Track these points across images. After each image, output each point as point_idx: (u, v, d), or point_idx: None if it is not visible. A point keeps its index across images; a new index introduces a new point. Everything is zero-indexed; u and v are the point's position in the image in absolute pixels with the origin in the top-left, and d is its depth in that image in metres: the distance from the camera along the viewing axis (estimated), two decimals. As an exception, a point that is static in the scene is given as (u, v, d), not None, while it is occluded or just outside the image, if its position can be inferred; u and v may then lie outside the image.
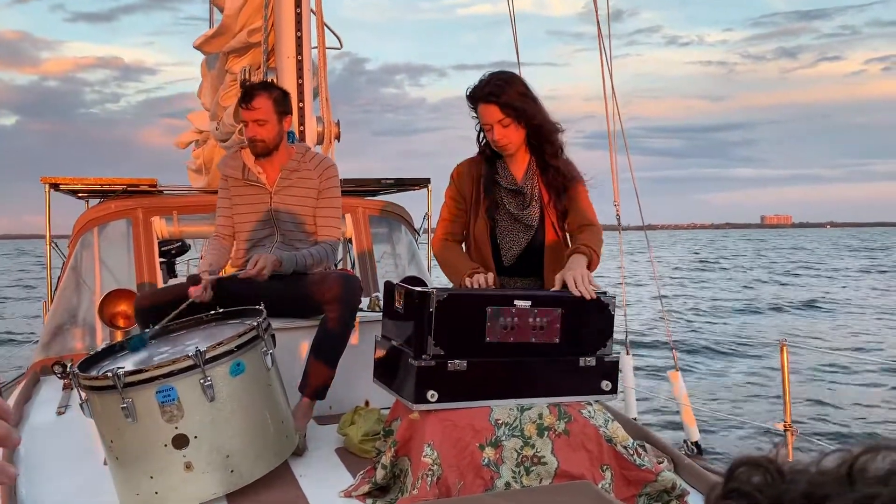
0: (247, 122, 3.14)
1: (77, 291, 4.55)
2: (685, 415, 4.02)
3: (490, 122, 2.66)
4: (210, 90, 4.64)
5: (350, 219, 4.81)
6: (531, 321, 2.37)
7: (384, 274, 4.95)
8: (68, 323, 4.48)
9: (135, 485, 2.36)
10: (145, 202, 4.57)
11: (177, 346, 2.61)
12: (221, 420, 2.38)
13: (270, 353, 2.58)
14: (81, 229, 4.55)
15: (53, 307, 4.50)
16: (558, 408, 2.36)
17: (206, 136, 5.07)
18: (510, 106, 2.61)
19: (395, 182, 5.72)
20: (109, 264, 4.60)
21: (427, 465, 2.19)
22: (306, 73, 3.96)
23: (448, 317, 2.28)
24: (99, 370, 2.48)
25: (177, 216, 4.51)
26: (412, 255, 5.30)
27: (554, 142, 2.74)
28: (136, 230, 4.42)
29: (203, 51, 4.42)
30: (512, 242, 2.77)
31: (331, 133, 4.10)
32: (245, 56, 4.19)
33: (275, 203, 3.24)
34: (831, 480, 0.45)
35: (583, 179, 2.81)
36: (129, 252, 4.42)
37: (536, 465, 2.27)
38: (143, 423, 2.32)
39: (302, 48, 3.95)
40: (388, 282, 2.58)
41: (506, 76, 2.69)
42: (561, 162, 2.76)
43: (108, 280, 4.51)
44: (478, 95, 2.66)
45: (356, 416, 2.87)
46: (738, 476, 0.49)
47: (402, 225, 5.29)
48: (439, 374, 2.28)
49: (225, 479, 2.38)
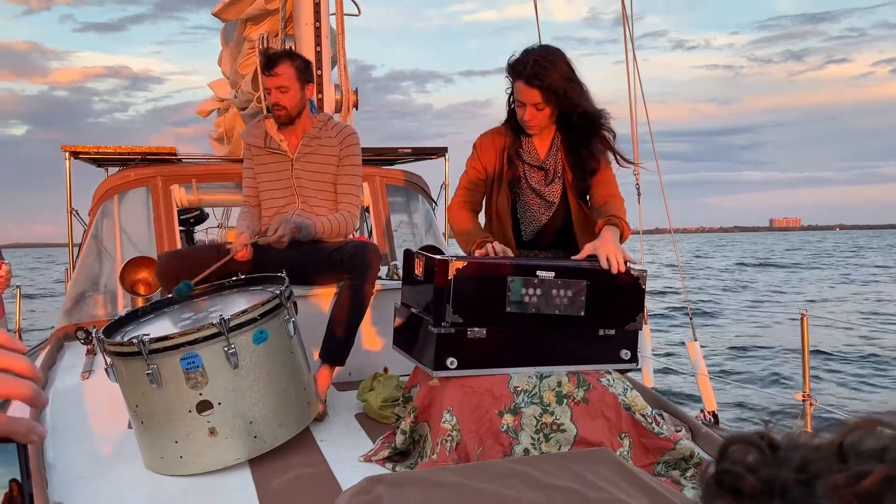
0: (269, 89, 3.14)
1: (98, 259, 4.59)
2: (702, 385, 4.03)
3: (526, 102, 2.59)
4: (229, 58, 4.63)
5: (368, 188, 4.81)
6: (555, 293, 2.36)
7: (401, 243, 4.96)
8: (90, 290, 4.53)
9: (160, 449, 2.41)
10: (164, 170, 4.59)
11: (200, 313, 2.64)
12: (245, 387, 2.42)
13: (293, 321, 2.61)
14: (101, 197, 4.58)
15: (75, 275, 4.55)
16: (577, 376, 2.37)
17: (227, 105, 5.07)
18: (552, 91, 2.53)
19: (413, 151, 5.69)
20: (129, 232, 4.63)
21: (446, 430, 2.22)
22: (324, 40, 3.94)
23: (468, 285, 2.28)
24: (123, 336, 2.51)
25: (196, 184, 4.52)
26: (429, 224, 5.29)
27: (606, 126, 2.64)
28: (155, 198, 4.44)
29: (221, 18, 4.40)
30: (532, 218, 2.76)
31: (349, 101, 4.09)
32: (263, 23, 4.17)
33: (296, 170, 3.25)
34: (823, 457, 0.44)
35: (631, 163, 2.75)
36: (149, 220, 4.44)
37: (555, 433, 2.29)
38: (167, 389, 2.35)
39: (320, 15, 3.93)
40: (407, 250, 2.59)
41: (551, 56, 2.57)
42: (597, 151, 2.66)
43: (129, 248, 4.54)
44: (521, 73, 2.56)
45: (375, 382, 2.90)
46: (730, 455, 0.48)
47: (419, 194, 5.28)
48: (459, 342, 2.29)
49: (248, 445, 2.42)
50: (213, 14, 4.32)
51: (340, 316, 2.93)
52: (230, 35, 4.53)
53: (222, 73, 5.08)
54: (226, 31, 4.67)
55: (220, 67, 5.07)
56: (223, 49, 4.90)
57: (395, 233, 5.00)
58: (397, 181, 5.12)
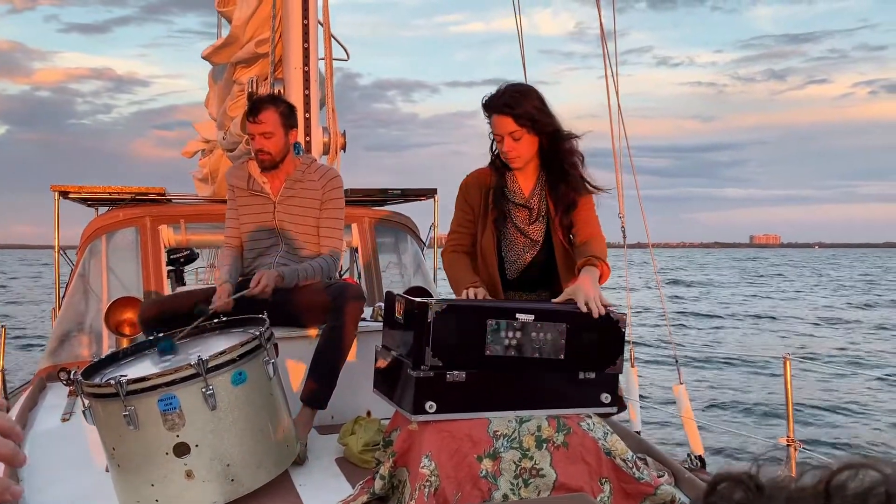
0: (253, 135, 3.17)
1: (84, 299, 4.58)
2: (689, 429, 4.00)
3: (502, 133, 2.66)
4: (217, 100, 4.68)
5: (356, 228, 4.83)
6: (534, 335, 2.36)
7: (389, 284, 4.96)
8: (75, 330, 4.51)
9: (136, 492, 2.38)
10: (153, 210, 4.60)
11: (179, 355, 2.63)
12: (223, 429, 2.40)
13: (272, 362, 2.60)
14: (90, 237, 4.59)
15: (61, 314, 4.53)
16: (557, 420, 2.36)
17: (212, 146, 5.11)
18: (524, 118, 2.61)
19: (402, 192, 5.73)
20: (117, 272, 4.62)
21: (425, 476, 2.20)
22: (313, 83, 3.99)
23: (447, 328, 2.28)
24: (102, 377, 2.50)
25: (184, 224, 4.53)
26: (418, 265, 5.30)
27: (573, 149, 2.71)
28: (143, 238, 4.44)
29: (211, 61, 4.46)
30: (516, 256, 2.78)
31: (336, 143, 4.12)
32: (253, 67, 4.23)
33: (278, 213, 3.27)
34: (808, 496, 0.45)
35: (598, 190, 2.78)
36: (137, 260, 4.44)
37: (535, 478, 2.27)
38: (144, 431, 2.33)
39: (309, 59, 3.98)
40: (388, 292, 2.59)
41: (522, 89, 2.69)
42: (573, 181, 2.70)
43: (116, 287, 4.53)
44: (493, 105, 2.66)
45: (356, 426, 2.88)
46: (719, 492, 0.49)
47: (408, 235, 5.30)
48: (438, 386, 2.28)
49: (225, 488, 2.39)
50: (203, 57, 4.38)
51: (322, 358, 2.92)
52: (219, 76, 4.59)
53: (209, 114, 5.13)
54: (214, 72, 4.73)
55: (207, 109, 5.12)
56: (210, 90, 4.95)
57: (384, 273, 5.00)
58: (386, 222, 5.14)
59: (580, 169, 2.72)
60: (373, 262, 4.86)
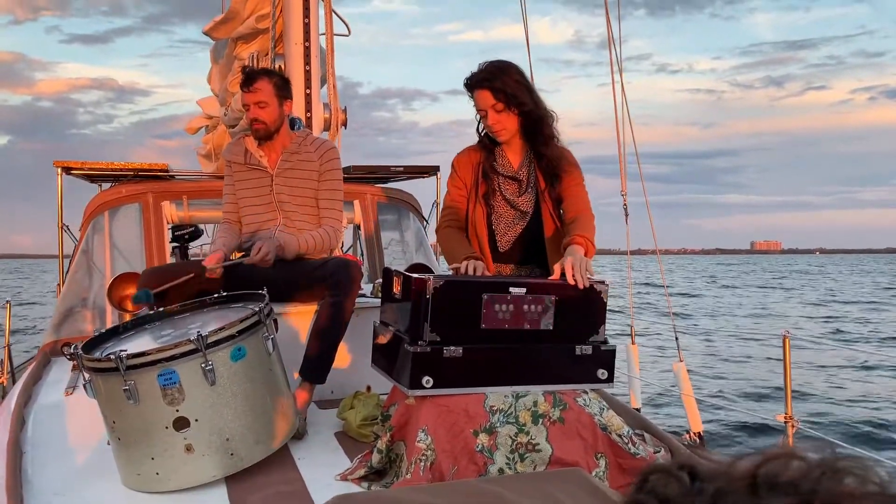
0: (248, 105, 3.18)
1: (88, 274, 4.60)
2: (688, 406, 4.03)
3: (484, 108, 2.71)
4: (219, 77, 4.66)
5: (358, 205, 4.83)
6: (525, 308, 2.39)
7: (391, 261, 4.97)
8: (79, 305, 4.53)
9: (136, 465, 2.41)
10: (156, 187, 4.61)
11: (180, 330, 2.65)
12: (222, 404, 2.42)
13: (272, 338, 2.61)
14: (93, 213, 4.60)
15: (64, 290, 4.56)
16: (553, 395, 2.37)
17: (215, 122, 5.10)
18: (502, 91, 2.65)
19: (405, 169, 5.72)
20: (120, 248, 4.64)
21: (421, 450, 2.22)
22: (314, 59, 3.98)
23: (444, 303, 2.29)
24: (102, 352, 2.52)
25: (187, 201, 4.54)
26: (420, 242, 5.31)
27: (545, 129, 2.76)
28: (146, 214, 4.45)
29: (212, 36, 4.44)
30: (506, 228, 2.81)
31: (338, 119, 4.11)
32: (253, 42, 4.21)
33: (276, 185, 3.28)
34: (736, 489, 0.45)
35: (578, 166, 2.82)
36: (140, 236, 4.46)
37: (531, 452, 2.29)
38: (144, 405, 2.36)
39: (310, 34, 3.96)
40: (386, 268, 2.61)
41: (501, 64, 2.72)
42: (553, 149, 2.77)
43: (119, 263, 4.54)
44: (473, 81, 2.71)
45: (355, 400, 2.90)
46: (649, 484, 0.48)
47: (410, 212, 5.30)
48: (435, 361, 2.30)
49: (225, 462, 2.41)
50: (204, 32, 4.36)
51: (320, 333, 2.94)
52: (220, 53, 4.57)
53: (211, 90, 5.12)
54: (216, 49, 4.71)
55: (209, 85, 5.11)
56: (212, 66, 4.94)
57: (386, 251, 5.01)
58: (388, 199, 5.14)
59: (550, 148, 2.76)
60: (375, 238, 4.87)
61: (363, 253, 4.97)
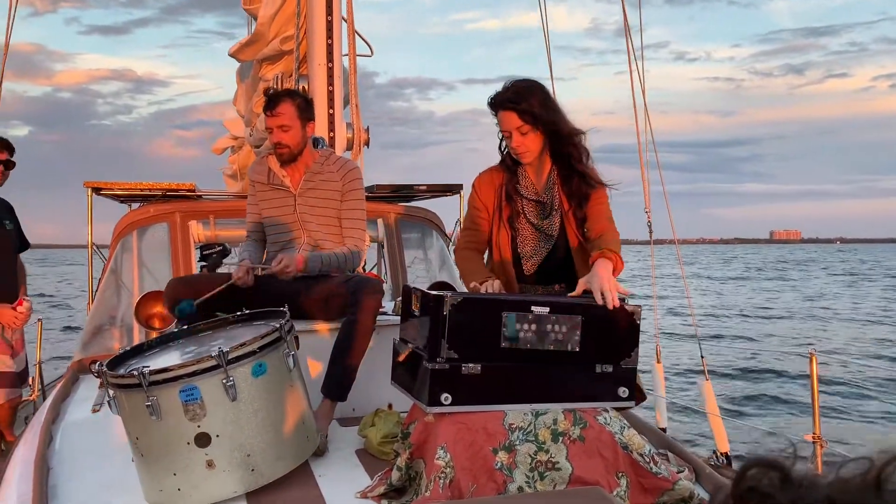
0: (271, 128, 3.21)
1: (116, 293, 4.68)
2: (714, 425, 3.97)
3: (509, 129, 2.68)
4: (244, 98, 4.74)
5: (382, 224, 4.86)
6: (549, 328, 2.36)
7: (415, 279, 4.99)
8: (107, 323, 4.61)
9: (158, 481, 2.43)
10: (183, 206, 4.68)
11: (202, 346, 2.68)
12: (243, 420, 2.43)
13: (293, 354, 2.63)
14: (121, 232, 4.68)
15: (94, 308, 4.63)
16: (574, 413, 2.35)
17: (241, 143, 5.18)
18: (529, 112, 2.62)
19: (428, 188, 5.75)
20: (148, 267, 4.72)
21: (440, 467, 2.21)
22: (337, 79, 4.03)
23: (463, 321, 2.29)
24: (126, 369, 2.55)
25: (213, 220, 4.61)
26: (443, 260, 5.32)
27: (577, 145, 2.73)
28: (173, 234, 4.52)
29: (238, 58, 4.52)
30: (532, 251, 2.78)
31: (360, 139, 4.16)
32: (278, 63, 4.27)
33: (299, 205, 3.31)
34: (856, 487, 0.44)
35: (605, 185, 2.79)
36: (168, 255, 4.53)
37: (550, 471, 2.27)
38: (166, 421, 2.38)
39: (333, 55, 4.02)
40: (405, 286, 2.62)
41: (527, 84, 2.70)
42: (587, 168, 2.75)
43: (147, 282, 4.62)
44: (497, 102, 2.69)
45: (376, 418, 2.90)
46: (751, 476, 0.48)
47: (433, 230, 5.32)
48: (453, 378, 2.29)
49: (246, 478, 2.43)
50: (230, 54, 4.45)
51: (342, 351, 2.95)
52: (245, 74, 4.65)
53: (237, 111, 5.20)
54: (241, 70, 4.79)
55: (235, 106, 5.19)
56: (238, 87, 5.02)
57: (409, 269, 5.02)
58: (411, 218, 5.17)
59: (584, 165, 2.73)
60: (398, 257, 4.89)
61: (387, 271, 4.99)
